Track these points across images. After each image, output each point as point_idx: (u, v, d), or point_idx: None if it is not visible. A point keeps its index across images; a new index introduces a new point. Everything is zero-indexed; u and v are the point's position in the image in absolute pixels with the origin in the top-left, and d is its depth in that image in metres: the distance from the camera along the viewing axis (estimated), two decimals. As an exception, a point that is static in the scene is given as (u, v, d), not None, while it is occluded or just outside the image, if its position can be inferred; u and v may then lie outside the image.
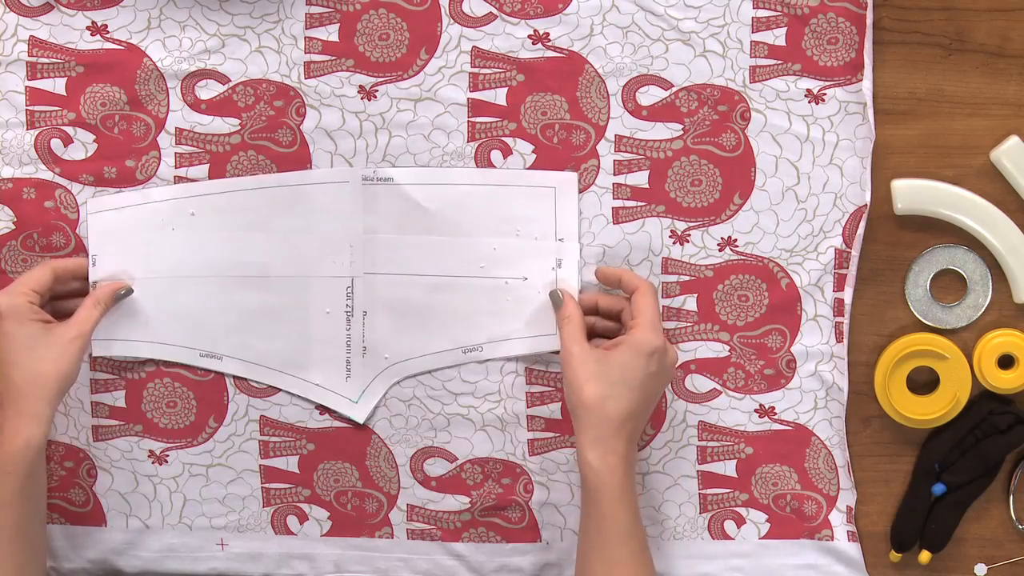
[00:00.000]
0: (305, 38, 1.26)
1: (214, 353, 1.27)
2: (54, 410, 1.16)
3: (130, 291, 1.24)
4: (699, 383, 1.28)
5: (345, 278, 1.26)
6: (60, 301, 1.24)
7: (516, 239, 1.26)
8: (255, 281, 1.26)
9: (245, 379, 1.28)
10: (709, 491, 1.29)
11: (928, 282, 1.27)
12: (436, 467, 1.29)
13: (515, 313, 1.26)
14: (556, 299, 1.23)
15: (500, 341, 1.27)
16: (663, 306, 1.27)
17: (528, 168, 1.26)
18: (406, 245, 1.26)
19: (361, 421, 1.28)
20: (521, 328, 1.26)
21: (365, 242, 1.26)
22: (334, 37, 1.25)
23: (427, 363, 1.27)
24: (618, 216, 1.27)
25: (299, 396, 1.28)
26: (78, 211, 1.26)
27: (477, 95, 1.26)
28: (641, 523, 1.18)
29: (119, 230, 1.26)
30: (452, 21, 1.25)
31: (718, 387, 1.28)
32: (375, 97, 1.26)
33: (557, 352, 1.25)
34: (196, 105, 1.26)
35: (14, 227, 1.27)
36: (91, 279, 1.25)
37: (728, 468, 1.29)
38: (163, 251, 1.26)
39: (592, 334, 1.24)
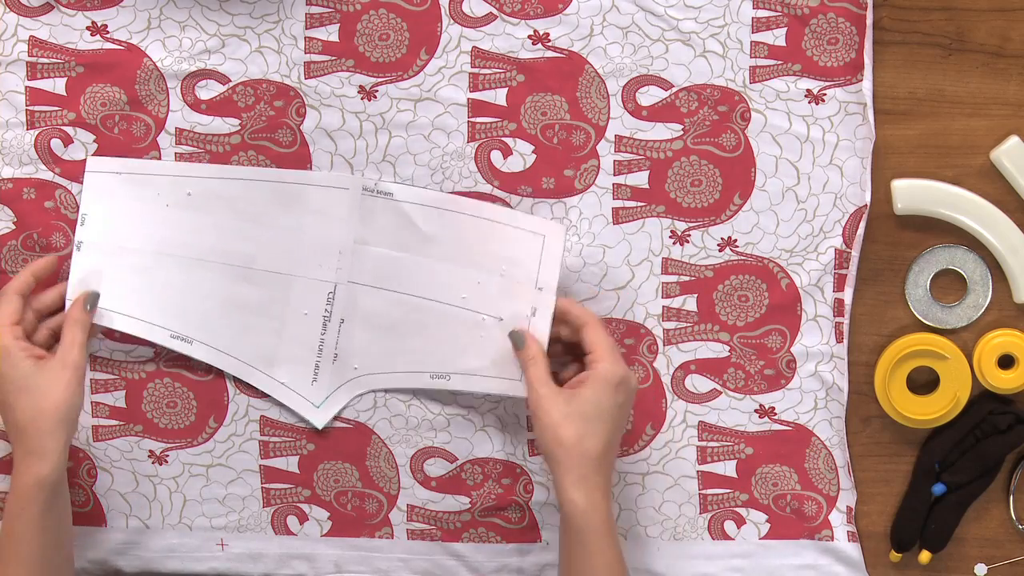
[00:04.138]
0: (305, 38, 1.26)
1: (185, 336, 1.26)
2: (64, 443, 1.15)
3: (97, 296, 1.23)
4: (699, 383, 1.28)
5: (328, 283, 1.26)
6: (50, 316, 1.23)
7: (500, 277, 1.25)
8: (238, 271, 1.26)
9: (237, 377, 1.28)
10: (709, 491, 1.29)
11: (928, 282, 1.27)
12: (436, 467, 1.29)
13: (486, 352, 1.25)
14: (518, 340, 1.22)
15: (468, 375, 1.26)
16: (663, 307, 1.27)
17: (528, 169, 1.26)
18: (394, 261, 1.25)
19: (320, 427, 1.27)
20: (489, 367, 1.25)
21: (354, 251, 1.25)
22: (334, 37, 1.25)
23: (394, 380, 1.26)
24: (618, 216, 1.27)
25: (262, 393, 1.27)
26: (78, 211, 1.26)
27: (477, 95, 1.26)
28: (623, 558, 1.18)
29: (113, 194, 1.24)
30: (452, 21, 1.25)
31: (718, 387, 1.28)
32: (375, 97, 1.26)
33: (523, 398, 1.23)
34: (196, 105, 1.26)
35: (14, 227, 1.27)
36: (77, 239, 1.24)
37: (728, 468, 1.29)
38: (152, 225, 1.25)
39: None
